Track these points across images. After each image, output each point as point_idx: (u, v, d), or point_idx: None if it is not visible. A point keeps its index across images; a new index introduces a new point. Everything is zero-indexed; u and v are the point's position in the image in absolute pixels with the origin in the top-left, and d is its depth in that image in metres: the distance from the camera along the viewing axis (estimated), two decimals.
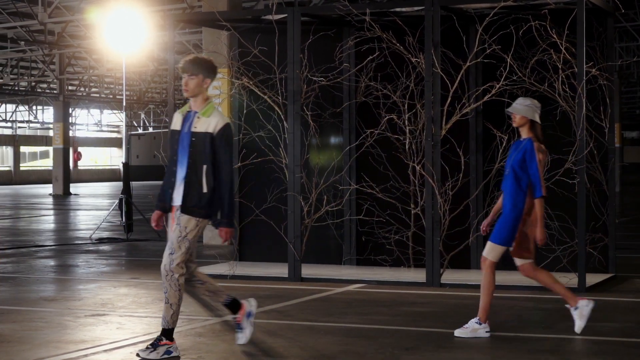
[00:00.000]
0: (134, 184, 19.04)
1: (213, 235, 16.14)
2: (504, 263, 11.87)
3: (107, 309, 9.34)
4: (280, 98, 12.22)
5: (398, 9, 11.51)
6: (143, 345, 7.34)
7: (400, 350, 7.27)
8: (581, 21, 10.40)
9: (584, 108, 10.47)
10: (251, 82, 12.35)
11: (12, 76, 41.03)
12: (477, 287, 10.63)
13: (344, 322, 8.54)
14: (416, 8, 11.40)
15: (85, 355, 7.11)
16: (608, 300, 9.78)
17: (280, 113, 12.20)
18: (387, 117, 12.07)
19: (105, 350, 7.29)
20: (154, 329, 8.17)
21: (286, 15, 11.64)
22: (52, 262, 13.75)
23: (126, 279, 11.77)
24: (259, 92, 12.33)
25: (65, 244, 16.55)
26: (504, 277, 11.19)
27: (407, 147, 12.07)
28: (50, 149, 59.78)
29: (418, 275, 11.38)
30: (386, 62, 12.22)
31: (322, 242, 12.72)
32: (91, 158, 64.48)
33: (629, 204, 27.61)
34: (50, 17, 24.47)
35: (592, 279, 10.82)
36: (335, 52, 12.40)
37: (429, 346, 7.45)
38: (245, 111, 12.83)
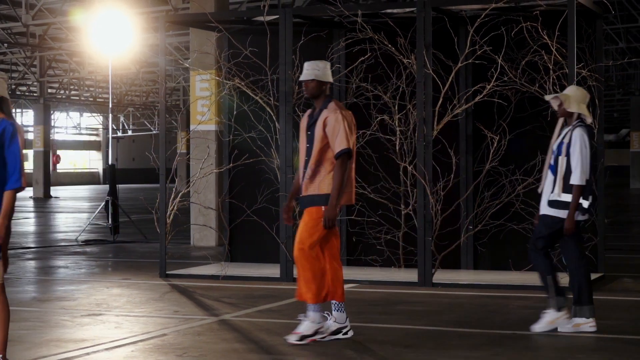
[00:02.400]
0: None
1: (200, 237, 16.15)
2: (500, 262, 12.00)
3: (103, 309, 9.35)
4: (272, 99, 12.26)
5: (389, 10, 11.57)
6: (143, 344, 7.37)
7: (401, 348, 7.32)
8: (572, 23, 10.48)
9: None
10: (242, 83, 12.37)
11: None
12: (468, 286, 10.74)
13: None
14: (407, 9, 11.47)
15: (87, 354, 7.12)
16: (601, 299, 9.85)
17: (272, 114, 12.23)
18: (379, 118, 12.13)
19: (106, 349, 7.30)
20: (152, 328, 8.19)
21: (277, 16, 11.68)
22: (40, 264, 13.72)
23: (117, 279, 11.76)
24: (250, 94, 12.36)
25: (52, 246, 16.52)
26: (495, 277, 11.29)
27: (397, 147, 12.13)
28: (27, 152, 59.52)
29: (409, 275, 11.44)
30: (376, 63, 12.27)
31: None
32: (70, 161, 64.26)
33: (610, 206, 27.81)
34: (34, 20, 24.39)
35: None
36: (328, 53, 12.44)
37: (428, 344, 7.51)
38: (235, 112, 12.86)
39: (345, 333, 7.67)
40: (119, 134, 60.82)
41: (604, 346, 7.39)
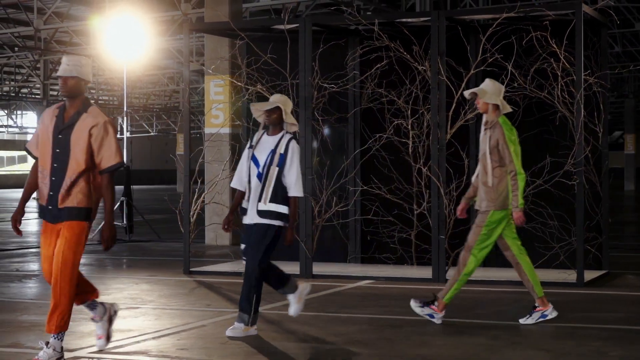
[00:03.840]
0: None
1: (215, 236, 16.68)
2: (508, 260, 12.52)
3: (138, 302, 9.87)
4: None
5: (405, 20, 12.14)
6: (187, 334, 7.90)
7: (427, 336, 7.87)
8: (579, 32, 11.04)
9: (582, 114, 11.11)
10: (264, 89, 12.92)
11: None
12: (480, 282, 11.28)
13: (365, 313, 9.12)
14: (422, 19, 12.04)
15: (137, 342, 7.65)
16: (608, 294, 10.44)
17: None
18: (396, 123, 12.68)
19: (154, 338, 7.83)
20: (190, 320, 8.71)
21: (297, 25, 12.23)
22: None
23: (144, 276, 12.28)
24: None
25: None
26: (505, 274, 11.83)
27: (410, 150, 12.67)
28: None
29: (423, 272, 11.98)
30: (390, 70, 12.82)
31: (328, 242, 13.30)
32: None
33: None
34: (46, 24, 24.88)
35: (588, 275, 11.45)
36: (346, 60, 12.99)
37: (450, 332, 8.05)
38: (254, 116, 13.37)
39: None
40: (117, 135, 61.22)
41: (617, 335, 7.94)
